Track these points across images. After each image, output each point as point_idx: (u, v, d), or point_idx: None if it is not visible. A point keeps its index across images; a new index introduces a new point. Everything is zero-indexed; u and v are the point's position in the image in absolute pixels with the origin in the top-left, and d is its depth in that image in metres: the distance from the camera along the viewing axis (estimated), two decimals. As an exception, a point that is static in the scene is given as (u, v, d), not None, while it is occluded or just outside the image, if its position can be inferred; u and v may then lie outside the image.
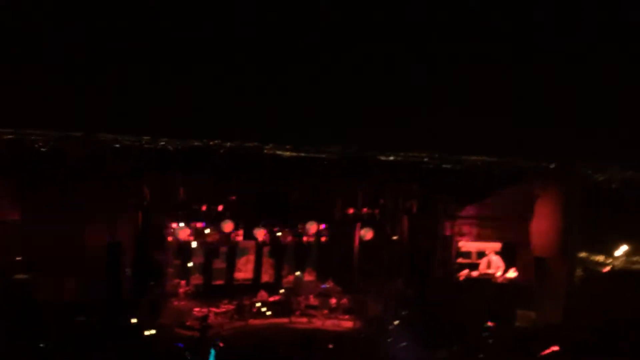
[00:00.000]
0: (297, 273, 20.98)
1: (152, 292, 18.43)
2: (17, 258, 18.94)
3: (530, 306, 19.15)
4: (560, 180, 20.24)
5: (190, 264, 20.10)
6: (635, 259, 31.27)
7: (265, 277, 21.01)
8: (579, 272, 23.90)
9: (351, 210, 21.11)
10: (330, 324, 18.68)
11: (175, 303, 18.87)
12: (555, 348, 13.63)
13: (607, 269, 29.24)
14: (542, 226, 19.78)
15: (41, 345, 13.19)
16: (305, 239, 20.79)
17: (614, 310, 17.94)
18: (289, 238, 20.66)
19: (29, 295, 17.36)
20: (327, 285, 20.83)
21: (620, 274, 27.46)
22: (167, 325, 17.55)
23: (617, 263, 30.62)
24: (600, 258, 30.90)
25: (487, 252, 20.54)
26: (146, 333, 16.01)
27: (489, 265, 20.45)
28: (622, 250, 31.41)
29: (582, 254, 28.00)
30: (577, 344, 14.60)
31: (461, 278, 20.25)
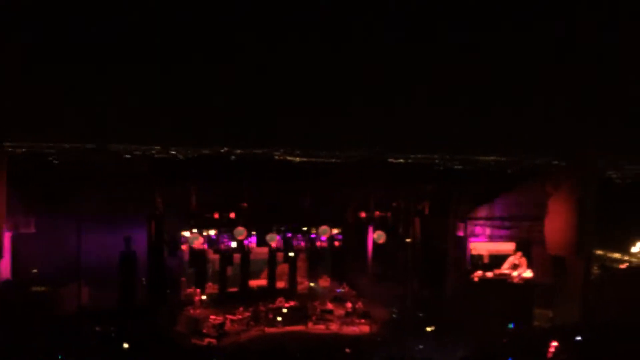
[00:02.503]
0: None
1: (168, 300, 18.52)
2: (34, 270, 19.18)
3: (547, 305, 19.01)
4: (574, 177, 19.99)
5: (204, 272, 20.19)
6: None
7: (280, 284, 21.04)
8: (595, 270, 23.65)
9: (363, 214, 21.10)
10: (347, 328, 18.66)
11: (191, 311, 18.93)
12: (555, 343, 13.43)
13: (624, 266, 28.92)
14: (556, 224, 19.58)
15: (60, 357, 13.26)
16: (318, 244, 20.81)
17: (633, 309, 17.72)
18: (302, 244, 20.68)
19: (46, 307, 17.53)
20: (342, 289, 20.81)
21: (638, 271, 27.12)
22: (183, 333, 17.64)
23: (634, 260, 30.26)
24: (617, 255, 30.55)
25: (511, 253, 20.28)
26: (163, 342, 16.05)
27: (514, 267, 20.19)
28: (639, 246, 31.03)
29: (599, 252, 27.70)
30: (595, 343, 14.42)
31: (475, 279, 20.12)
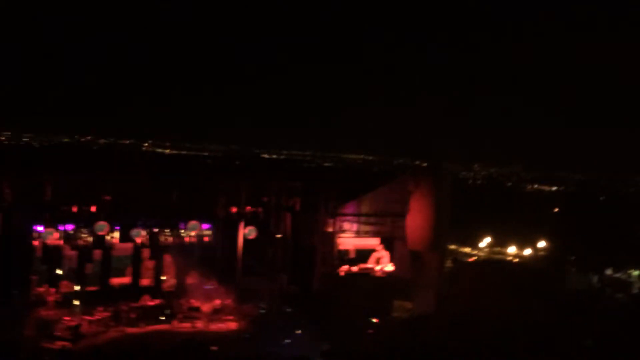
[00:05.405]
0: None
1: (15, 301, 16.94)
2: None
3: (407, 297, 20.23)
4: (431, 177, 21.50)
5: (59, 270, 18.69)
6: (496, 249, 34.39)
7: (145, 281, 20.13)
8: (449, 263, 25.67)
9: (234, 209, 20.86)
10: (213, 325, 18.35)
11: (43, 313, 17.44)
12: None
13: (473, 259, 31.78)
14: (416, 221, 20.94)
15: None
16: (187, 239, 20.21)
17: (479, 297, 19.48)
18: (170, 239, 19.96)
19: None
20: (211, 286, 20.42)
21: (484, 264, 29.98)
22: (31, 337, 16.17)
23: (481, 254, 33.41)
24: (468, 249, 33.55)
25: (377, 249, 21.21)
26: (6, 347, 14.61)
27: (378, 261, 21.15)
28: (485, 242, 34.37)
29: (452, 246, 30.15)
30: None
31: (342, 273, 20.85)
